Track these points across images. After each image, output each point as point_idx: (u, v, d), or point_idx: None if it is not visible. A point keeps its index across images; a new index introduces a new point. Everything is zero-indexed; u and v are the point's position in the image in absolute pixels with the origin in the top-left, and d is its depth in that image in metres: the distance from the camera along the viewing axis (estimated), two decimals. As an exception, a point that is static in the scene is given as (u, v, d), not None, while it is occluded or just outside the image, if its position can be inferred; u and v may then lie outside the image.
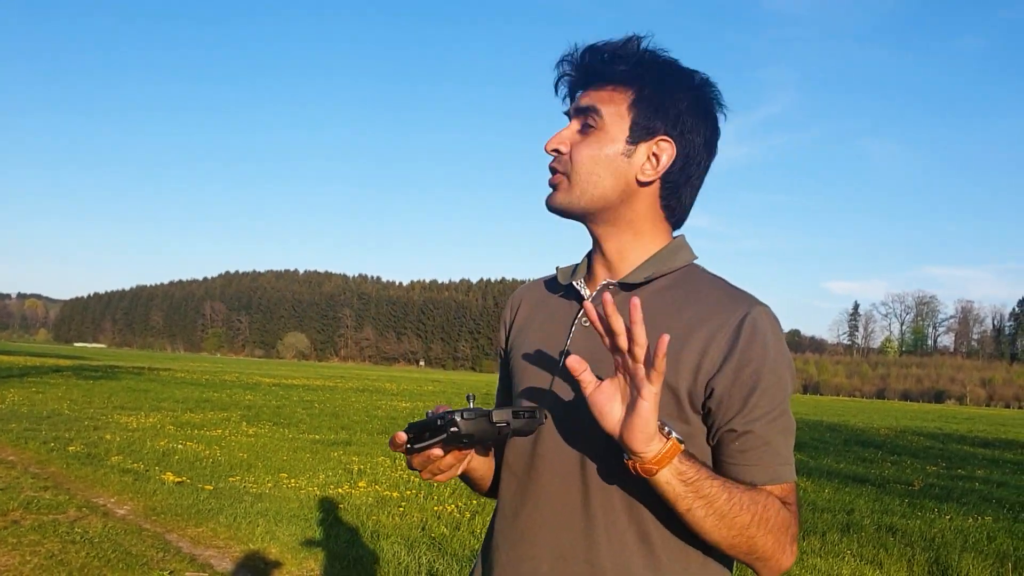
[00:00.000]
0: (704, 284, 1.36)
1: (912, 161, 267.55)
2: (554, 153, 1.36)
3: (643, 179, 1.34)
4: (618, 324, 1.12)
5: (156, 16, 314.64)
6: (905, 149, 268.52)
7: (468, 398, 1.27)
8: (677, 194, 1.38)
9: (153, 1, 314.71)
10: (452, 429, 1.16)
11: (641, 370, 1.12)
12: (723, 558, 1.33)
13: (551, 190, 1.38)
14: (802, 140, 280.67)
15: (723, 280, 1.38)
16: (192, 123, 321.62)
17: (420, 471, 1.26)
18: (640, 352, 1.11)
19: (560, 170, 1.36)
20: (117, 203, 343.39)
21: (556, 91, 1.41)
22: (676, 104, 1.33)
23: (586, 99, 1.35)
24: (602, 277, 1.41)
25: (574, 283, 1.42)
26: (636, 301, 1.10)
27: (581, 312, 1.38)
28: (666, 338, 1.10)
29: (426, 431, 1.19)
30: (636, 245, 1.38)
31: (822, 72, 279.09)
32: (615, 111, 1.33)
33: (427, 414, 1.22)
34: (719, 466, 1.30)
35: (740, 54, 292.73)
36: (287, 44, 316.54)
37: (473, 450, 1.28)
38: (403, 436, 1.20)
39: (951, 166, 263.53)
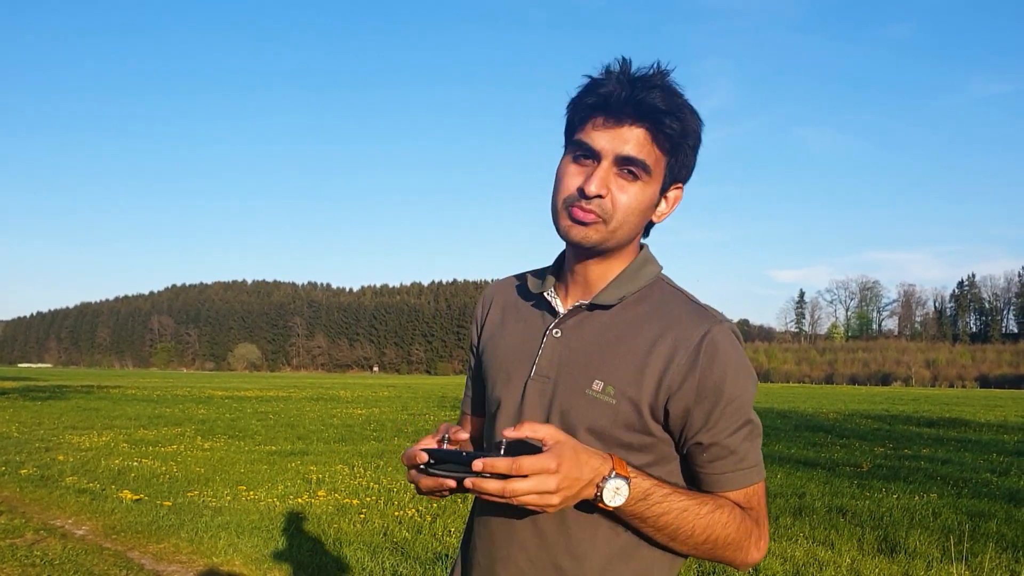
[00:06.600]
0: (668, 299, 1.43)
1: (848, 147, 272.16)
2: (596, 197, 1.35)
3: (655, 220, 1.45)
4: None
5: (93, 30, 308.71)
6: (841, 136, 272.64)
7: (444, 440, 1.35)
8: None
9: (88, 15, 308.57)
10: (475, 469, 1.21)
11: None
12: None
13: (579, 224, 1.37)
14: (740, 131, 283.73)
15: (687, 295, 1.45)
16: (131, 136, 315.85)
17: (419, 487, 1.34)
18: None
19: (599, 213, 1.35)
20: (57, 220, 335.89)
21: (580, 104, 1.38)
22: (694, 155, 1.42)
23: (635, 150, 1.33)
24: (578, 293, 1.49)
25: (546, 295, 1.51)
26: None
27: (552, 324, 1.47)
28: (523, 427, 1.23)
29: (449, 461, 1.25)
30: (614, 266, 1.46)
31: (756, 63, 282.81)
32: (657, 165, 1.36)
33: (440, 443, 1.33)
34: (692, 473, 1.42)
35: (679, 48, 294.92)
36: (223, 57, 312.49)
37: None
38: (424, 456, 1.27)
39: (886, 151, 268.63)
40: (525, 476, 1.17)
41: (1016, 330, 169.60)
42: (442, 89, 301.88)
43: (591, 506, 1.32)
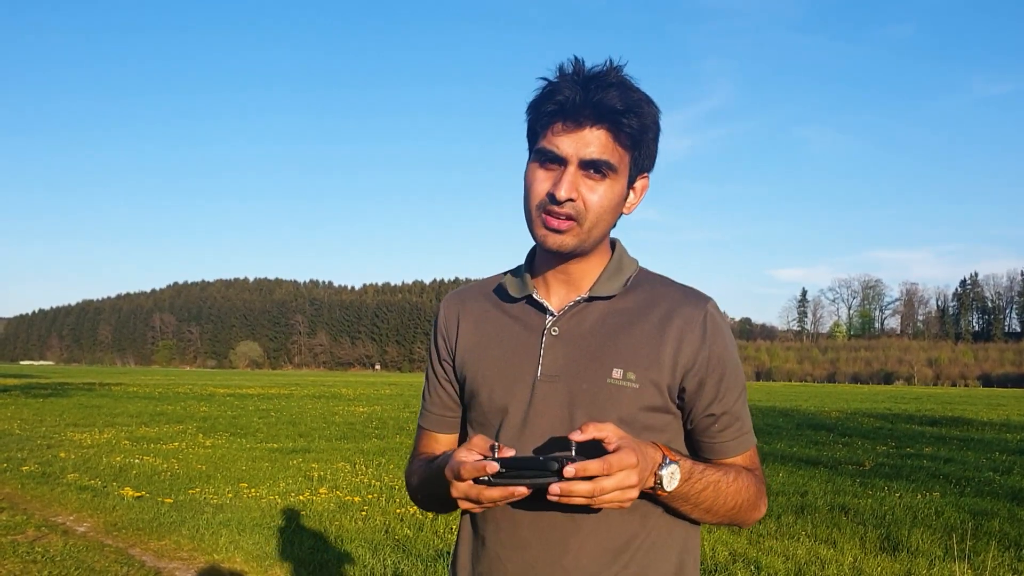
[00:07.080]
0: (658, 285, 1.49)
1: (848, 147, 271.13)
2: (567, 200, 1.36)
3: (625, 212, 1.47)
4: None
5: (93, 30, 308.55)
6: (841, 136, 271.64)
7: (493, 448, 1.28)
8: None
9: (88, 15, 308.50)
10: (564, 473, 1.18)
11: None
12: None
13: (554, 232, 1.38)
14: (742, 130, 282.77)
15: (669, 279, 1.52)
16: (132, 136, 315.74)
17: (475, 501, 1.28)
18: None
19: (573, 216, 1.37)
20: (58, 218, 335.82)
21: (541, 107, 1.38)
22: (656, 145, 1.44)
23: (598, 151, 1.35)
24: (563, 291, 1.49)
25: (534, 295, 1.49)
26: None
27: (550, 323, 1.46)
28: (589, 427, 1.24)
29: (524, 468, 1.22)
30: (594, 261, 1.48)
31: (756, 63, 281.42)
32: (622, 162, 1.38)
33: (488, 454, 1.27)
34: (699, 444, 1.49)
35: (679, 48, 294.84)
36: (223, 57, 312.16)
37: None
38: (495, 466, 1.22)
39: (887, 151, 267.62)
40: (608, 475, 1.19)
41: (1019, 329, 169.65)
42: (442, 89, 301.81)
43: None
